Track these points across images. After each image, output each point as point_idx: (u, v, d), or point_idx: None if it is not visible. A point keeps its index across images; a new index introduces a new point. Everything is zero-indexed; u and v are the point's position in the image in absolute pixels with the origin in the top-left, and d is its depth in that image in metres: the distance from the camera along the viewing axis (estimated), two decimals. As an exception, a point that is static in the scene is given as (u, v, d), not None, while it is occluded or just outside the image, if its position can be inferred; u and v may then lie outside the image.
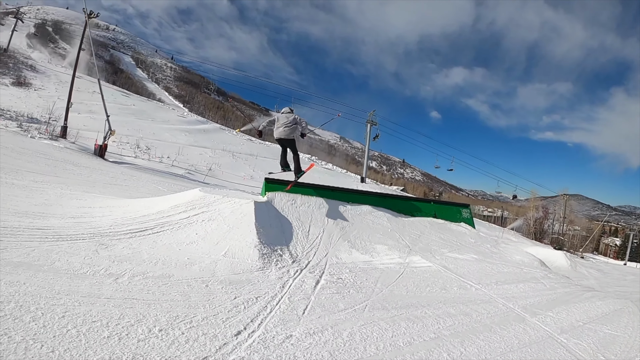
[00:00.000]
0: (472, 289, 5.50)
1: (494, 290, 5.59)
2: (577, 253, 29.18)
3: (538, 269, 7.71)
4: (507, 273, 6.91)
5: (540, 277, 7.10)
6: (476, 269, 6.77)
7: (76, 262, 3.70)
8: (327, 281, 4.65)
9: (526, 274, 7.12)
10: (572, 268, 16.40)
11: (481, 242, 8.60)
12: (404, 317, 3.94)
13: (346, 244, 6.52)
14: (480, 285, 5.79)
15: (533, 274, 7.18)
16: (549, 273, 7.61)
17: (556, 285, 6.65)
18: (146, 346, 2.46)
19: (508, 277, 6.66)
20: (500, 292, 5.55)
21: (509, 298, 5.31)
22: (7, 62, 41.59)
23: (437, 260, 6.79)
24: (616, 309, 5.60)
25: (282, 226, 6.14)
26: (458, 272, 6.30)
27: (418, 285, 5.29)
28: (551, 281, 6.89)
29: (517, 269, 7.37)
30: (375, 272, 5.55)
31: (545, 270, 7.81)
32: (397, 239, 7.49)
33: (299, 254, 5.51)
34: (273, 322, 3.19)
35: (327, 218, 7.09)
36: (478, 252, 7.94)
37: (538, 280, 6.83)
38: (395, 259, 6.46)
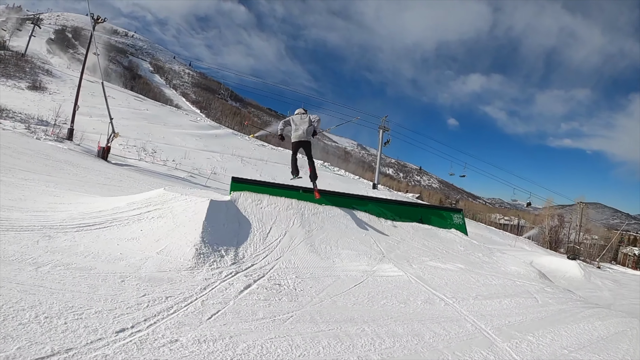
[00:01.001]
0: (440, 304, 4.64)
1: (468, 307, 4.72)
2: (594, 263, 27.53)
3: (534, 282, 6.77)
4: (494, 286, 6.01)
5: (535, 290, 6.18)
6: (457, 280, 5.91)
7: (12, 250, 3.72)
8: (260, 286, 4.15)
9: (518, 287, 6.21)
10: (586, 278, 15.36)
11: (472, 251, 7.69)
12: (331, 333, 3.26)
13: (307, 247, 5.87)
14: (454, 299, 4.92)
15: (526, 288, 6.26)
16: (546, 286, 6.66)
17: (551, 301, 5.71)
18: (22, 330, 2.45)
19: (494, 290, 5.77)
20: (475, 309, 4.67)
21: (483, 316, 4.43)
22: (24, 67, 42.68)
23: (412, 270, 5.97)
24: (617, 332, 4.65)
25: (239, 227, 5.72)
26: (432, 284, 5.45)
27: (373, 297, 4.48)
28: (546, 296, 5.96)
29: (508, 281, 6.46)
30: (327, 280, 4.83)
31: (544, 283, 6.86)
32: (371, 244, 6.72)
33: (246, 256, 5.05)
34: (167, 325, 2.90)
35: (293, 220, 6.53)
36: (466, 261, 7.05)
37: (530, 294, 5.92)
38: (361, 267, 5.66)
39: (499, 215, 63.66)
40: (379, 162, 39.96)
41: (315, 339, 3.09)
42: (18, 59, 44.27)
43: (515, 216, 58.58)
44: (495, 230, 36.78)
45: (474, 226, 33.80)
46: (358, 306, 4.14)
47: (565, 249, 34.45)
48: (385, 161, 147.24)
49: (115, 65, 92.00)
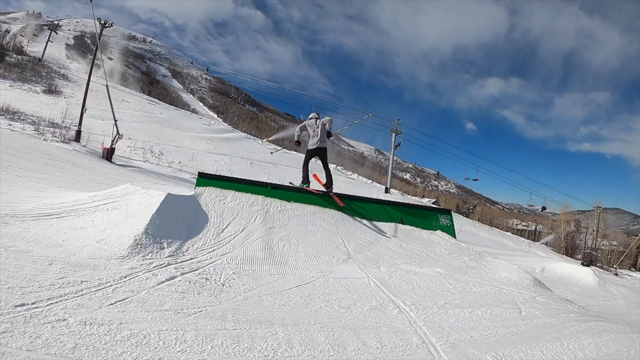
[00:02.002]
0: (392, 312, 3.94)
1: (427, 316, 3.99)
2: (611, 269, 25.93)
3: (525, 290, 5.94)
4: (472, 293, 5.24)
5: (522, 300, 5.36)
6: (429, 286, 5.19)
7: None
8: (185, 279, 3.91)
9: (502, 295, 5.40)
10: (600, 286, 14.28)
11: (458, 254, 6.89)
12: (233, 333, 2.92)
13: (262, 244, 5.44)
14: (413, 307, 4.20)
15: (513, 296, 5.45)
16: (539, 295, 5.82)
17: (537, 313, 4.89)
18: None
19: (470, 298, 5.01)
20: (435, 320, 3.94)
21: (440, 329, 3.69)
22: (41, 72, 43.67)
23: (377, 273, 5.32)
24: (610, 352, 3.81)
25: (195, 221, 5.50)
26: (395, 289, 4.76)
27: (311, 299, 3.96)
28: (535, 306, 5.14)
29: (493, 288, 5.66)
30: (268, 279, 4.42)
31: (537, 292, 6.02)
32: (338, 244, 6.09)
33: (190, 250, 4.84)
34: (65, 305, 2.87)
35: (256, 216, 6.18)
36: (448, 265, 6.28)
37: (515, 304, 5.11)
38: (318, 267, 5.16)
39: (516, 221, 61.49)
40: (391, 166, 39.10)
41: (210, 337, 2.78)
42: (35, 63, 45.44)
43: (533, 222, 56.52)
44: (509, 236, 35.19)
45: (487, 231, 32.52)
46: (287, 308, 3.66)
47: (582, 255, 32.68)
48: (402, 166, 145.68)
49: (133, 70, 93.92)
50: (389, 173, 38.85)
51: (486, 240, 26.09)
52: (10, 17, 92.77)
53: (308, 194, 7.22)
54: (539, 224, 53.11)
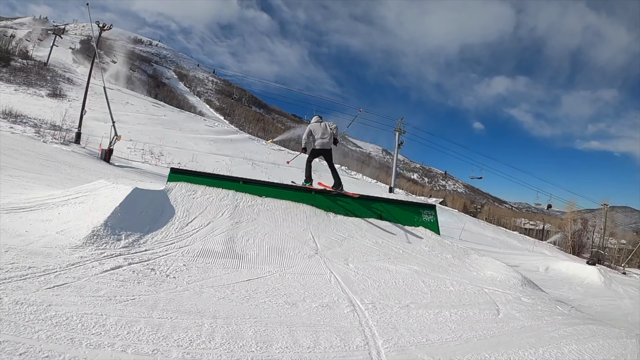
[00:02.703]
0: (343, 310, 3.59)
1: (383, 316, 3.58)
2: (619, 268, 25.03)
3: (510, 290, 5.44)
4: (447, 292, 4.78)
5: (503, 300, 4.87)
6: (399, 284, 4.75)
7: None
8: (129, 269, 3.85)
9: (481, 295, 4.91)
10: (606, 285, 13.67)
11: (440, 252, 6.41)
12: (156, 321, 2.83)
13: (224, 239, 5.27)
14: (373, 306, 3.82)
15: (494, 296, 4.96)
16: (525, 296, 5.32)
17: (518, 315, 4.40)
18: None
19: (443, 298, 4.55)
20: (391, 320, 3.52)
21: (393, 330, 3.28)
22: (45, 75, 44.03)
23: (343, 269, 4.93)
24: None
25: (160, 215, 5.43)
26: (357, 287, 4.37)
27: (256, 293, 3.77)
28: (516, 308, 4.65)
29: (473, 287, 5.18)
30: (218, 272, 4.25)
31: (523, 292, 5.52)
32: (307, 240, 5.73)
33: (148, 242, 4.77)
34: (5, 287, 2.95)
35: (224, 211, 6.00)
36: (426, 263, 5.82)
37: (494, 305, 4.62)
38: (279, 262, 4.91)
39: (524, 220, 60.26)
40: (395, 165, 38.61)
41: (131, 324, 2.72)
42: (40, 67, 45.85)
43: (541, 220, 55.34)
44: (515, 235, 34.31)
45: (492, 230, 31.74)
46: (225, 301, 3.47)
47: (589, 253, 31.70)
48: (409, 166, 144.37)
49: (140, 73, 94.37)
50: (393, 172, 38.32)
51: (490, 240, 25.39)
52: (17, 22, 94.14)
53: (278, 188, 7.00)
54: (546, 223, 51.92)
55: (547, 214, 51.96)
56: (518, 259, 17.61)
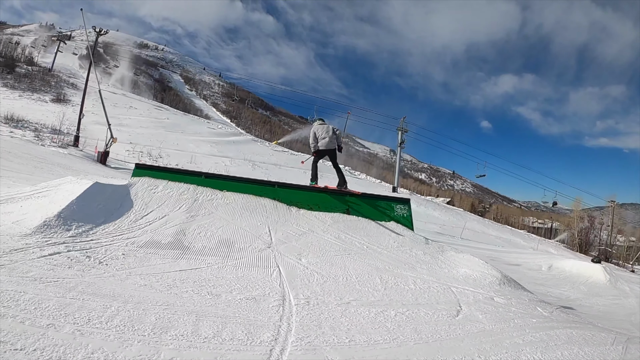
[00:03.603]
0: (269, 304, 3.40)
1: (314, 313, 3.30)
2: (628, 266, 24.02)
3: (483, 289, 4.88)
4: (407, 290, 4.32)
5: (471, 300, 4.34)
6: (351, 280, 4.36)
7: None
8: (66, 256, 3.87)
9: (447, 294, 4.40)
10: (611, 284, 12.91)
11: (410, 248, 5.89)
12: (66, 302, 2.85)
13: (174, 231, 5.20)
14: (307, 301, 3.57)
15: (461, 295, 4.43)
16: (500, 295, 4.77)
17: (482, 317, 3.86)
18: None
19: (398, 296, 4.10)
20: (321, 317, 3.22)
21: (317, 328, 3.00)
22: (50, 81, 44.42)
23: (293, 264, 4.66)
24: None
25: (118, 208, 5.47)
26: (300, 282, 4.13)
27: (183, 283, 3.69)
28: (484, 308, 4.12)
29: (440, 286, 4.65)
30: (155, 261, 4.20)
31: (499, 292, 4.96)
32: (261, 234, 5.44)
33: (98, 232, 4.77)
34: None
35: (182, 205, 5.92)
36: (392, 259, 5.32)
37: (456, 304, 4.09)
38: (225, 254, 4.76)
39: (532, 219, 58.91)
40: (398, 164, 37.92)
41: (41, 301, 2.77)
42: (45, 73, 46.34)
43: (549, 219, 54.00)
44: (520, 233, 33.39)
45: (496, 229, 30.83)
46: (146, 288, 3.42)
47: (596, 251, 30.60)
48: (417, 166, 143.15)
49: (146, 78, 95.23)
50: (396, 172, 37.61)
51: (493, 238, 24.58)
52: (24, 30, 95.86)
53: (240, 183, 6.80)
54: (555, 221, 50.59)
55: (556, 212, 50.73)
56: (521, 257, 16.89)
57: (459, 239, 19.65)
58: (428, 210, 29.08)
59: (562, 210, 44.59)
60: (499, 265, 13.37)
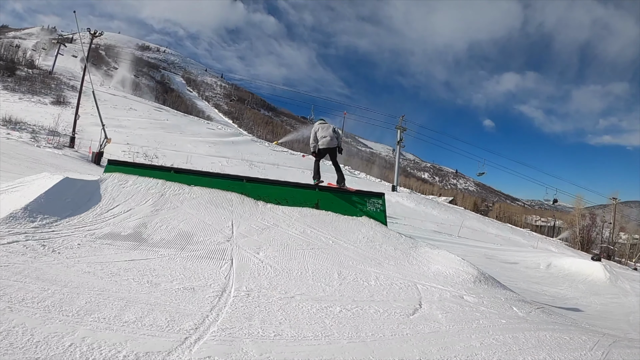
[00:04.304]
0: (206, 295, 3.34)
1: (251, 306, 3.20)
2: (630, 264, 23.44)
3: (454, 287, 4.55)
4: (364, 287, 4.09)
5: (436, 298, 4.04)
6: (305, 274, 4.20)
7: None
8: (23, 244, 3.92)
9: (410, 291, 4.13)
10: (611, 282, 12.61)
11: (381, 243, 5.58)
12: (6, 284, 2.89)
13: (136, 224, 5.20)
14: (248, 294, 3.46)
15: (426, 293, 4.14)
16: (471, 294, 4.44)
17: (442, 317, 3.54)
18: None
19: (352, 292, 3.87)
20: (255, 310, 3.12)
21: (246, 320, 2.91)
22: (50, 84, 44.51)
23: (248, 257, 4.54)
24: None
25: (86, 202, 5.54)
26: (249, 274, 4.03)
27: (127, 272, 3.67)
28: (449, 307, 3.84)
29: (405, 282, 4.36)
30: (108, 251, 4.22)
31: (471, 290, 4.62)
32: (223, 228, 5.36)
33: (61, 224, 4.79)
34: None
35: (149, 199, 5.95)
36: (358, 254, 5.07)
37: (416, 302, 3.80)
38: (181, 247, 4.71)
39: (535, 217, 58.15)
40: (397, 163, 37.47)
41: None
42: (45, 76, 46.44)
43: (552, 217, 53.26)
44: (521, 232, 32.86)
45: (496, 227, 30.31)
46: (89, 275, 3.45)
47: (598, 249, 29.98)
48: (420, 165, 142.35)
49: (148, 79, 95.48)
50: (396, 171, 37.17)
51: (492, 237, 24.13)
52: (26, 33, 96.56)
53: (206, 177, 6.86)
54: (558, 220, 49.88)
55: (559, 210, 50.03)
56: (519, 255, 16.54)
57: (455, 237, 19.38)
58: (427, 209, 28.68)
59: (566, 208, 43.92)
60: (494, 264, 13.16)
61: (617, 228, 33.58)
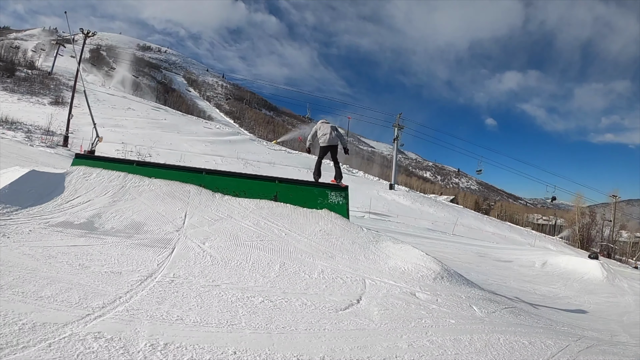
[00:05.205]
0: (130, 279, 3.35)
1: (165, 289, 3.23)
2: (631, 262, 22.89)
3: (408, 283, 4.26)
4: (302, 279, 3.92)
5: (380, 295, 3.81)
6: (244, 265, 4.11)
7: None
8: None
9: (352, 286, 3.90)
10: (609, 281, 12.16)
11: (338, 237, 5.36)
12: None
13: (91, 214, 5.30)
14: (170, 279, 3.47)
15: (370, 289, 3.92)
16: (426, 292, 4.16)
17: (376, 313, 3.31)
18: None
19: (285, 284, 3.70)
20: (165, 294, 3.11)
21: (144, 302, 2.90)
22: (49, 84, 44.58)
23: (191, 246, 4.53)
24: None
25: (50, 193, 5.69)
26: (183, 262, 4.01)
27: (62, 255, 3.69)
28: (389, 303, 3.62)
29: (351, 276, 4.15)
30: (55, 237, 4.27)
31: (427, 288, 4.33)
32: (175, 219, 5.40)
33: (20, 214, 4.90)
34: None
35: (110, 191, 6.08)
36: (310, 247, 4.88)
37: (354, 297, 3.59)
38: (127, 235, 4.77)
39: (537, 215, 57.51)
40: (395, 161, 37.19)
41: None
42: (44, 77, 46.57)
43: (553, 215, 52.61)
44: (519, 230, 32.41)
45: (494, 225, 29.88)
46: (25, 256, 3.52)
47: (598, 247, 29.41)
48: (422, 164, 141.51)
49: (149, 80, 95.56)
50: (393, 169, 36.88)
51: (489, 235, 23.72)
52: (27, 34, 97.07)
53: (167, 169, 7.04)
54: (559, 218, 49.25)
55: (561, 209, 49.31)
56: (514, 253, 16.13)
57: (449, 235, 19.01)
58: (423, 207, 28.34)
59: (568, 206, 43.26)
60: (486, 262, 12.77)
61: (618, 226, 33.04)
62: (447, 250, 13.69)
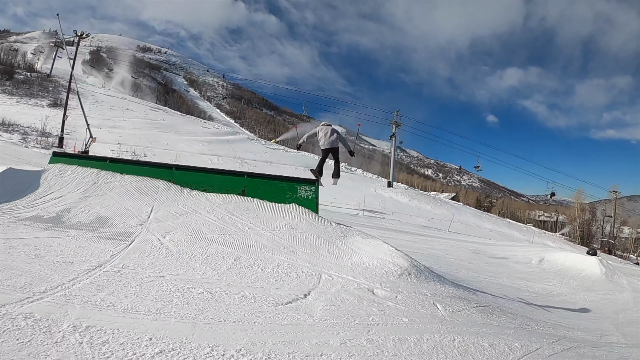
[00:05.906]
0: (80, 268, 3.43)
1: (109, 278, 3.30)
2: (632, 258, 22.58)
3: (365, 280, 4.20)
4: (253, 273, 3.89)
5: (334, 290, 3.79)
6: (198, 258, 4.17)
7: None
8: None
9: (306, 281, 3.84)
10: (607, 277, 11.89)
11: (304, 231, 5.33)
12: None
13: (60, 209, 5.45)
14: (118, 269, 3.53)
15: (324, 284, 3.85)
16: (385, 288, 4.09)
17: (320, 309, 3.26)
18: None
19: (233, 278, 3.69)
20: (106, 283, 3.18)
21: (83, 290, 2.97)
22: (47, 87, 44.73)
23: (151, 239, 4.60)
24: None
25: (25, 190, 5.90)
26: (137, 254, 4.06)
27: (20, 245, 3.80)
28: (339, 299, 3.55)
29: (308, 271, 4.11)
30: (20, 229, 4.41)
31: (391, 284, 4.27)
32: (141, 213, 5.50)
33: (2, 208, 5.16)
34: None
35: (82, 187, 6.21)
36: (272, 241, 4.90)
37: (302, 292, 3.54)
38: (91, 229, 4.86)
39: (539, 212, 57.11)
40: (392, 158, 36.99)
41: None
42: (43, 79, 46.72)
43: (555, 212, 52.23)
44: (518, 226, 32.17)
45: (492, 222, 29.70)
46: None
47: (598, 243, 29.04)
48: (423, 162, 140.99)
49: (149, 81, 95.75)
50: (391, 166, 36.71)
51: (487, 231, 23.56)
52: (27, 37, 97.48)
53: (137, 165, 7.30)
54: (561, 214, 48.87)
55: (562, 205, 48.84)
56: (510, 250, 15.89)
57: (445, 232, 18.91)
58: (421, 204, 28.17)
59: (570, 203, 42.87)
60: (480, 259, 12.56)
61: (619, 222, 32.71)
62: (441, 247, 13.50)
